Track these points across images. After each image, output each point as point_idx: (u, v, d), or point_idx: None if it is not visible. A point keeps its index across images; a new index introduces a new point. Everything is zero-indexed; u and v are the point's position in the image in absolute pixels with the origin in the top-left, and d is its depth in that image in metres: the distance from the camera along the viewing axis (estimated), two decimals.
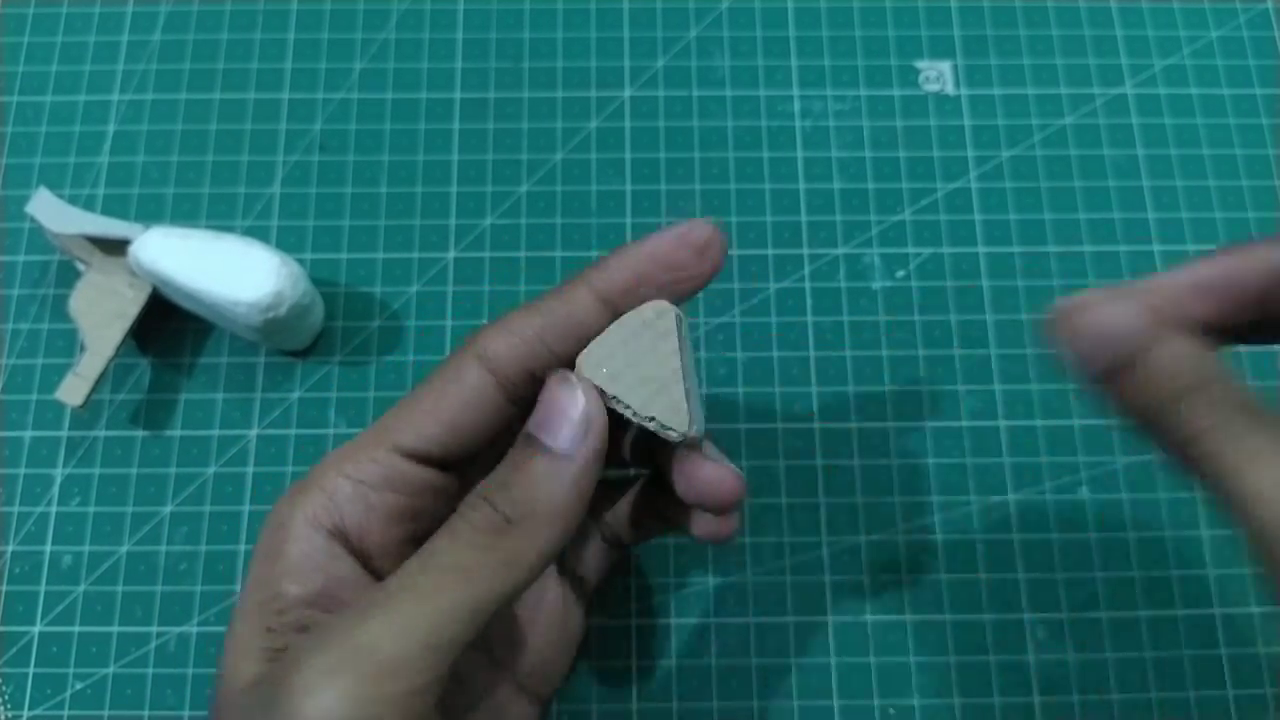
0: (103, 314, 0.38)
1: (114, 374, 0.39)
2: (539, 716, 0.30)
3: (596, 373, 0.26)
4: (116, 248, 0.38)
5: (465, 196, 0.42)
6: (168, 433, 0.39)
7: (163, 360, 0.40)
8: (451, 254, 0.41)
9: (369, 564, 0.26)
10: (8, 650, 0.36)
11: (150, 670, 0.36)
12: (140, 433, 0.39)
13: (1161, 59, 0.44)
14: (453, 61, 0.44)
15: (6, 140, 0.43)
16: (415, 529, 0.27)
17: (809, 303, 0.40)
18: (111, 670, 0.36)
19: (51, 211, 0.38)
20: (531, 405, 0.27)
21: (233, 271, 0.36)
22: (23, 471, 0.38)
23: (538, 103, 0.43)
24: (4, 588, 0.37)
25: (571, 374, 0.25)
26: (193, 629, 0.37)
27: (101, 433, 0.39)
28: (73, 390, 0.37)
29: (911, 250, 0.41)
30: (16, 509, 0.38)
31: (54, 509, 0.38)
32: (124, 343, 0.38)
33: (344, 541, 0.26)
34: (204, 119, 0.43)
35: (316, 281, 0.39)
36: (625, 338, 0.26)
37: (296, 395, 0.39)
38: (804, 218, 0.42)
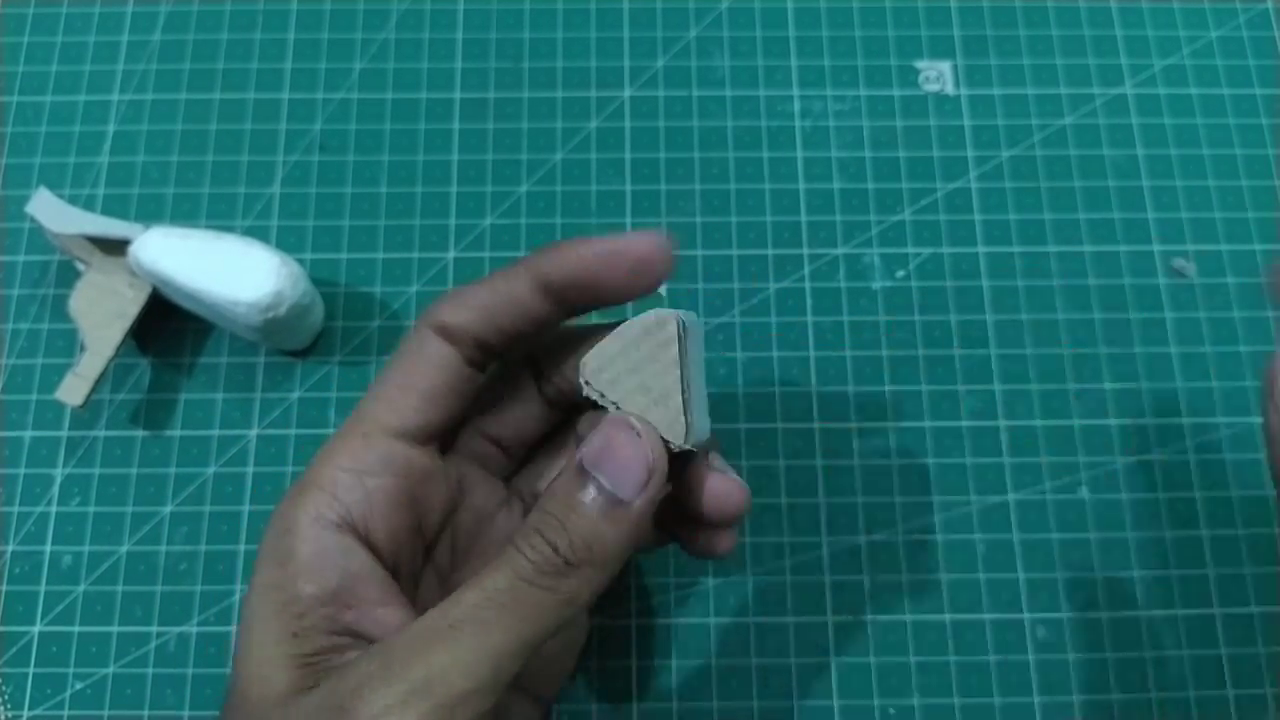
0: (103, 314, 0.38)
1: (114, 374, 0.39)
2: (542, 718, 0.30)
3: (597, 377, 0.26)
4: (116, 248, 0.38)
5: (465, 196, 0.42)
6: (168, 433, 0.39)
7: (163, 360, 0.40)
8: (451, 254, 0.41)
9: (379, 555, 0.26)
10: (8, 650, 0.36)
11: (150, 670, 0.36)
12: (140, 433, 0.39)
13: (1161, 59, 0.44)
14: (453, 61, 0.44)
15: (6, 140, 0.43)
16: (414, 517, 0.27)
17: (809, 303, 0.40)
18: (111, 670, 0.36)
19: (51, 211, 0.38)
20: (483, 366, 0.28)
21: (233, 271, 0.36)
22: (23, 471, 0.38)
23: (538, 103, 0.43)
24: (4, 588, 0.37)
25: (634, 418, 0.25)
26: (193, 629, 0.37)
27: (101, 433, 0.39)
28: (73, 390, 0.37)
29: (911, 250, 0.41)
30: (16, 509, 0.38)
31: (54, 509, 0.38)
32: (124, 343, 0.38)
33: (354, 533, 0.26)
34: (204, 119, 0.43)
35: (316, 281, 0.39)
36: (626, 344, 0.26)
37: (296, 395, 0.39)
38: (804, 218, 0.42)
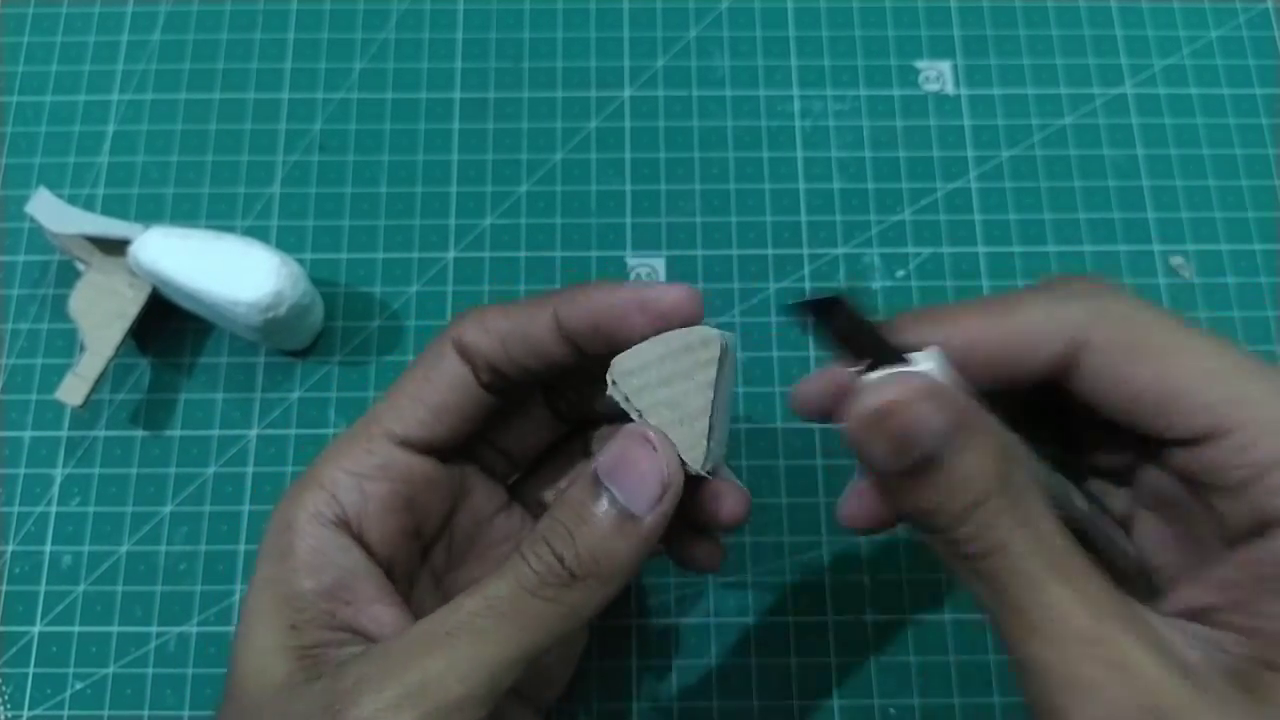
0: (103, 314, 0.38)
1: (114, 374, 0.39)
2: None
3: (626, 380, 0.25)
4: (116, 248, 0.38)
5: (465, 196, 0.42)
6: (168, 433, 0.39)
7: (163, 360, 0.40)
8: (451, 254, 0.41)
9: (373, 555, 0.26)
10: (8, 650, 0.36)
11: (150, 670, 0.36)
12: (140, 433, 0.39)
13: (1161, 59, 0.44)
14: (453, 61, 0.44)
15: (6, 140, 0.43)
16: (410, 520, 0.27)
17: None
18: (111, 670, 0.36)
19: (51, 211, 0.38)
20: (502, 394, 0.28)
21: (233, 271, 0.36)
22: (23, 471, 0.38)
23: (538, 103, 0.43)
24: (4, 588, 0.37)
25: (651, 431, 0.25)
26: (193, 629, 0.37)
27: (101, 433, 0.39)
28: (73, 390, 0.37)
29: (911, 250, 0.41)
30: (16, 509, 0.38)
31: (54, 509, 0.38)
32: (124, 343, 0.38)
33: (349, 532, 0.26)
34: (204, 119, 0.43)
35: (316, 281, 0.39)
36: (664, 354, 0.25)
37: (296, 395, 0.39)
38: (804, 218, 0.42)
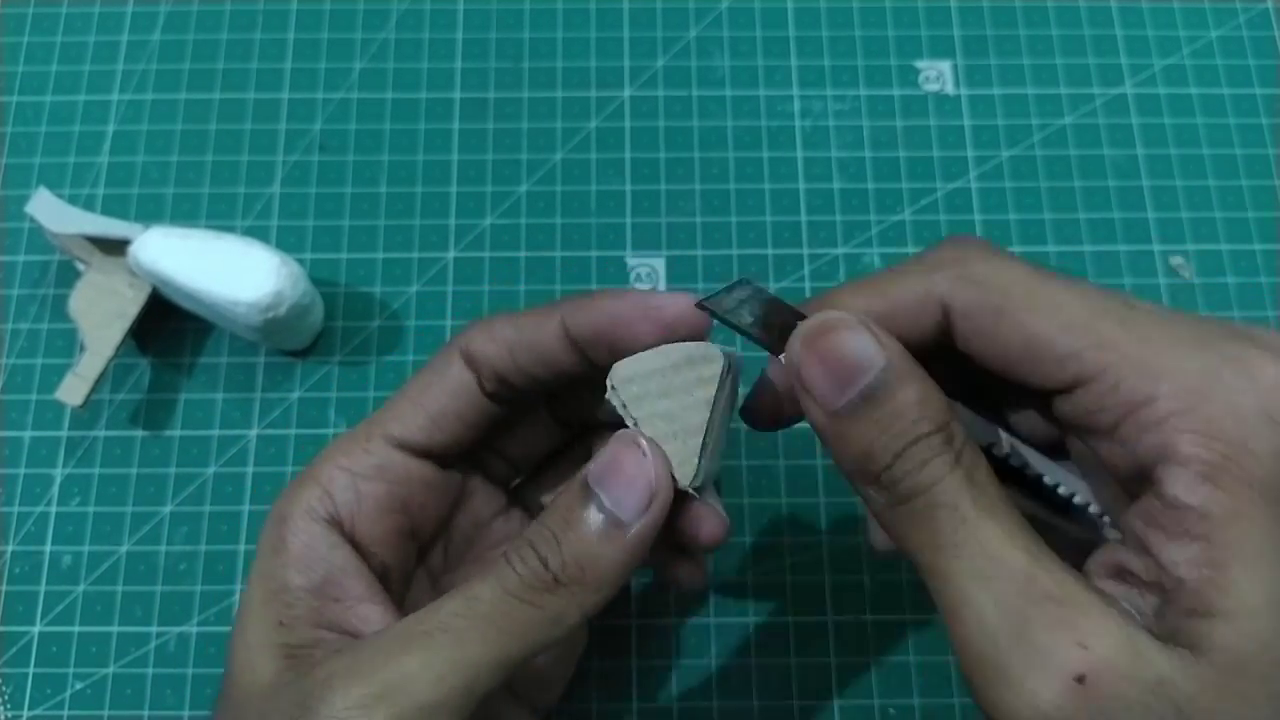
0: (103, 314, 0.38)
1: (114, 374, 0.39)
2: None
3: (626, 387, 0.25)
4: (116, 248, 0.38)
5: (465, 196, 0.42)
6: (168, 433, 0.39)
7: (163, 360, 0.40)
8: (451, 254, 0.41)
9: (363, 554, 0.26)
10: (8, 650, 0.36)
11: (150, 670, 0.36)
12: (140, 433, 0.39)
13: (1161, 59, 0.44)
14: (453, 61, 0.44)
15: (6, 140, 0.43)
16: (406, 521, 0.27)
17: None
18: (111, 670, 0.36)
19: (51, 211, 0.38)
20: (507, 404, 0.28)
21: (233, 271, 0.36)
22: (23, 471, 0.38)
23: (538, 103, 0.43)
24: (4, 588, 0.37)
25: (643, 438, 0.24)
26: (193, 629, 0.37)
27: (101, 433, 0.39)
28: (73, 390, 0.37)
29: (911, 250, 0.41)
30: (16, 509, 0.38)
31: (54, 509, 0.38)
32: (124, 343, 0.38)
33: (341, 530, 0.26)
34: (204, 119, 0.43)
35: (316, 281, 0.39)
36: (665, 366, 0.25)
37: (296, 395, 0.39)
38: (804, 218, 0.42)
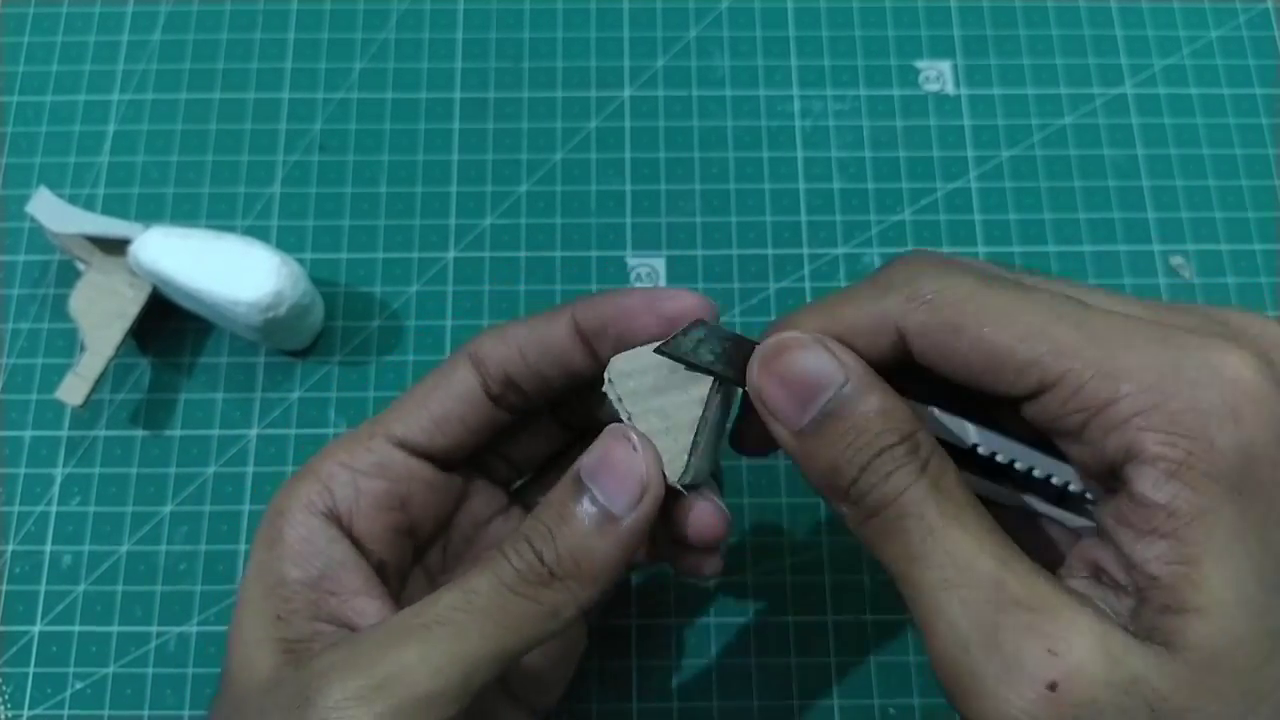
0: (103, 314, 0.38)
1: (114, 374, 0.39)
2: None
3: (623, 381, 0.25)
4: (116, 247, 0.38)
5: (465, 196, 0.42)
6: (168, 432, 0.39)
7: (163, 360, 0.40)
8: (451, 254, 0.41)
9: (360, 549, 0.27)
10: (8, 650, 0.36)
11: (150, 670, 0.36)
12: (140, 432, 0.39)
13: (1161, 59, 0.44)
14: (453, 61, 0.44)
15: (6, 140, 0.43)
16: (403, 518, 0.28)
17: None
18: (111, 670, 0.36)
19: (51, 211, 0.38)
20: (512, 410, 0.28)
21: (233, 271, 0.36)
22: (23, 471, 0.38)
23: (538, 103, 0.43)
24: (4, 587, 0.37)
25: (634, 432, 0.25)
26: (193, 629, 0.37)
27: (101, 432, 0.39)
28: (73, 390, 0.37)
29: (911, 250, 0.41)
30: (16, 509, 0.38)
31: (54, 509, 0.38)
32: (124, 342, 0.38)
33: (339, 525, 0.26)
34: (204, 119, 0.43)
35: (316, 281, 0.39)
36: (662, 361, 0.25)
37: (296, 395, 0.39)
38: (804, 218, 0.42)
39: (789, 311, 0.26)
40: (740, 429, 0.28)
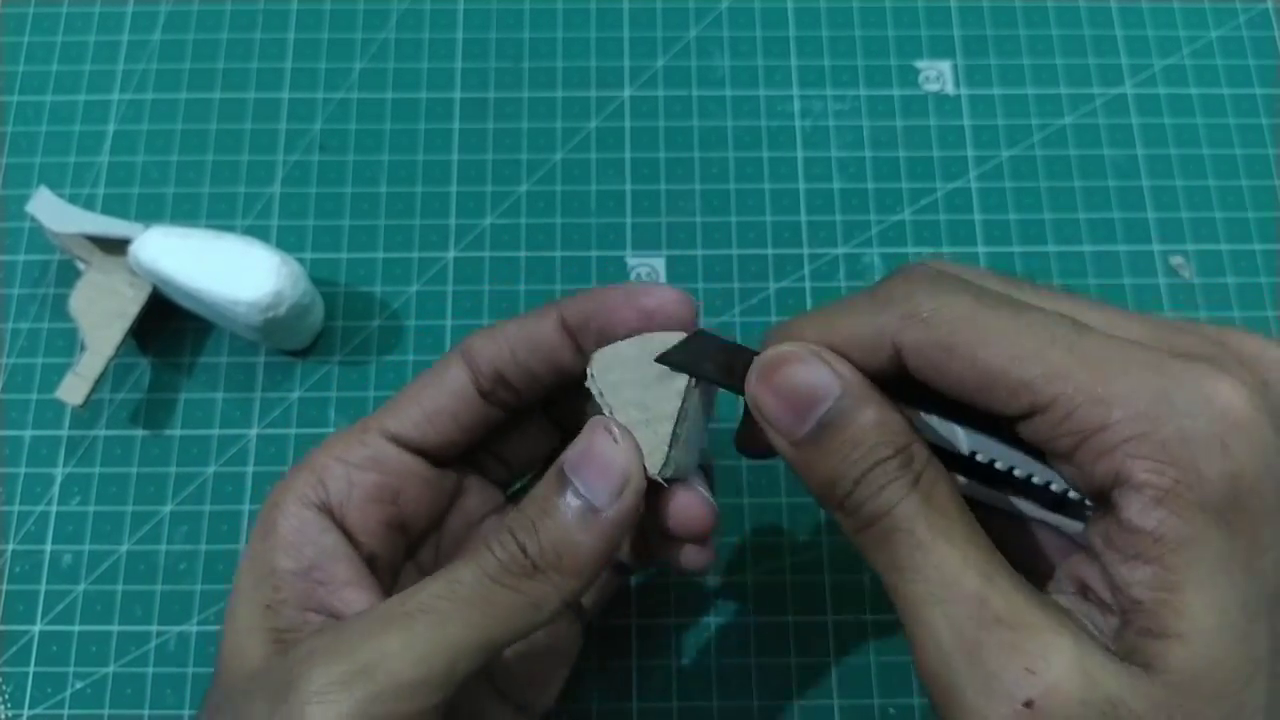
0: (103, 313, 0.38)
1: (114, 373, 0.39)
2: None
3: (604, 375, 0.26)
4: (116, 247, 0.38)
5: (465, 196, 0.42)
6: (168, 432, 0.39)
7: (163, 360, 0.40)
8: (451, 254, 0.41)
9: (352, 542, 0.27)
10: (8, 650, 0.36)
11: (150, 670, 0.36)
12: (140, 432, 0.39)
13: (1161, 59, 0.44)
14: (453, 61, 0.44)
15: (6, 140, 0.43)
16: (395, 512, 0.28)
17: (809, 302, 0.40)
18: (111, 669, 0.36)
19: (51, 211, 0.38)
20: (501, 405, 0.28)
21: (233, 271, 0.36)
22: (23, 471, 0.38)
23: (538, 103, 0.43)
24: (4, 587, 0.37)
25: (615, 424, 0.25)
26: (193, 628, 0.37)
27: (101, 432, 0.39)
28: (73, 389, 0.37)
29: (911, 250, 0.41)
30: (16, 508, 0.38)
31: (54, 508, 0.38)
32: (124, 342, 0.38)
33: (331, 516, 0.27)
34: (204, 119, 0.43)
35: (316, 281, 0.39)
36: (642, 355, 0.25)
37: (296, 395, 0.39)
38: (804, 217, 0.42)
39: (789, 316, 0.26)
40: (741, 434, 0.28)
